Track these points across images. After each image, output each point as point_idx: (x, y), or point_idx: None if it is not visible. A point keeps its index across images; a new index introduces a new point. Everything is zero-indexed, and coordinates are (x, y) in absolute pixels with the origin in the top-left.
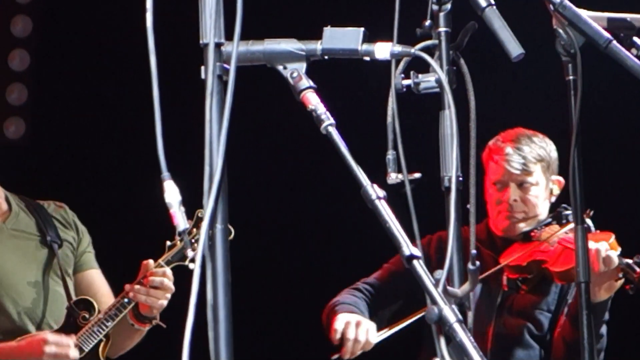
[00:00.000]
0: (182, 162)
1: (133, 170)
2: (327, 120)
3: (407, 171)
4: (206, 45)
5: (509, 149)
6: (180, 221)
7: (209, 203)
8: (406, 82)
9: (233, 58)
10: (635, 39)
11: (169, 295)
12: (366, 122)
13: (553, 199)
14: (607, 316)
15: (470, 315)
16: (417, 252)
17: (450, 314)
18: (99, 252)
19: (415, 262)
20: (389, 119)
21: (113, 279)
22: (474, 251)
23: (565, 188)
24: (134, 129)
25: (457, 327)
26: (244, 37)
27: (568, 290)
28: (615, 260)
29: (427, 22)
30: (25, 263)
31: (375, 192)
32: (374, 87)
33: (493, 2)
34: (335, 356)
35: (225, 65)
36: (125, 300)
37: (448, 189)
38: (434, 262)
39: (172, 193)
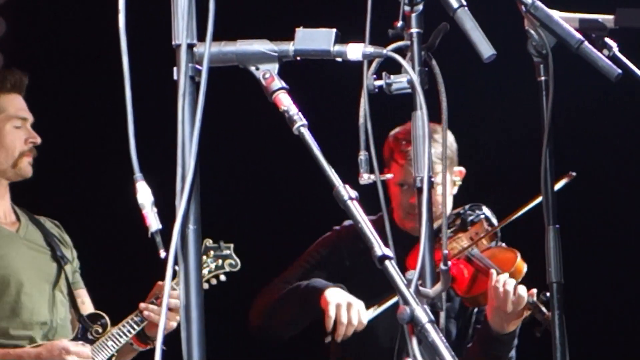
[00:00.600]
0: (155, 162)
1: (107, 173)
2: (300, 121)
3: (379, 172)
4: (178, 46)
5: (412, 152)
6: (153, 222)
7: (181, 204)
8: (378, 82)
9: (205, 59)
10: (606, 39)
11: (179, 318)
12: (338, 123)
13: (455, 190)
14: (516, 341)
15: (442, 315)
16: (389, 252)
17: (422, 314)
18: (82, 250)
19: (387, 262)
20: (361, 120)
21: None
22: (445, 251)
23: (466, 178)
24: (109, 130)
25: (429, 327)
26: (216, 38)
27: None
28: (524, 301)
29: (399, 23)
30: (39, 276)
31: (347, 192)
32: (346, 88)
33: (465, 3)
34: (328, 339)
35: (198, 66)
36: (138, 318)
37: (420, 189)
38: (345, 258)
39: (144, 194)
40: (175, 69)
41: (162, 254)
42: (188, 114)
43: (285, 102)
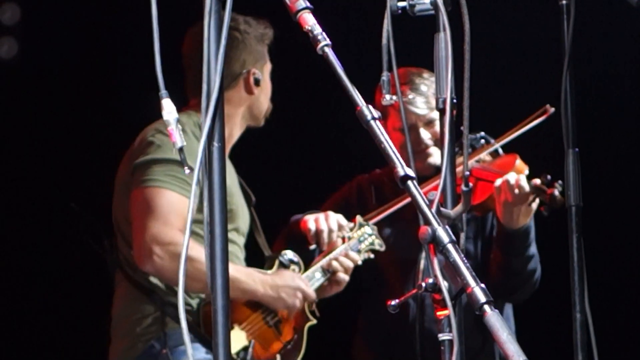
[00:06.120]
0: (180, 81)
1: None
2: (324, 41)
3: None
4: None
5: (409, 94)
6: (178, 138)
7: (206, 121)
8: (401, 3)
9: None
10: None
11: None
12: (361, 44)
13: None
14: (533, 236)
15: (462, 236)
16: (411, 172)
17: (443, 234)
18: (93, 181)
19: (409, 182)
20: (384, 41)
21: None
22: (467, 172)
23: (485, 103)
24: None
25: (451, 247)
26: None
27: (486, 217)
28: (525, 186)
29: None
30: (244, 196)
31: (370, 112)
32: (369, 8)
33: None
34: (313, 246)
35: None
36: (323, 271)
37: (442, 110)
38: (356, 208)
39: (169, 111)
40: None
41: (187, 170)
42: (214, 32)
43: (309, 21)
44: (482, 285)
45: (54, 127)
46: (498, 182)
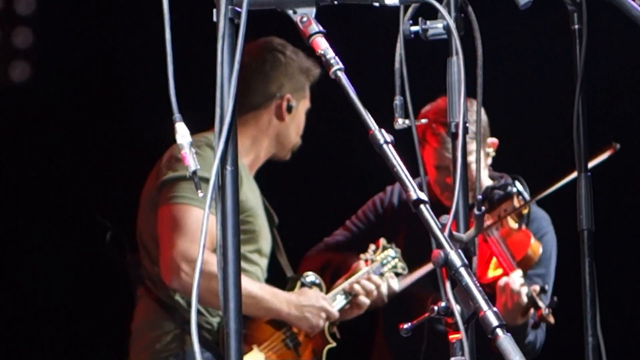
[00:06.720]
0: (193, 104)
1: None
2: (336, 65)
3: (414, 117)
4: None
5: (444, 135)
6: (192, 162)
7: (219, 145)
8: (414, 28)
9: (245, 1)
10: None
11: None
12: (374, 68)
13: (490, 161)
14: (531, 330)
15: (475, 260)
16: (423, 196)
17: (456, 258)
18: (102, 200)
19: (422, 206)
20: (397, 65)
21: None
22: (479, 196)
23: (499, 150)
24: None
25: (463, 271)
26: None
27: None
28: (524, 299)
29: None
30: (268, 218)
31: (383, 136)
32: (382, 33)
33: None
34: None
35: (237, 8)
36: (346, 294)
37: (455, 134)
38: (384, 217)
39: (183, 135)
40: (214, 10)
41: (200, 193)
42: (227, 55)
43: (322, 45)
44: (495, 309)
45: (68, 149)
46: (502, 282)
